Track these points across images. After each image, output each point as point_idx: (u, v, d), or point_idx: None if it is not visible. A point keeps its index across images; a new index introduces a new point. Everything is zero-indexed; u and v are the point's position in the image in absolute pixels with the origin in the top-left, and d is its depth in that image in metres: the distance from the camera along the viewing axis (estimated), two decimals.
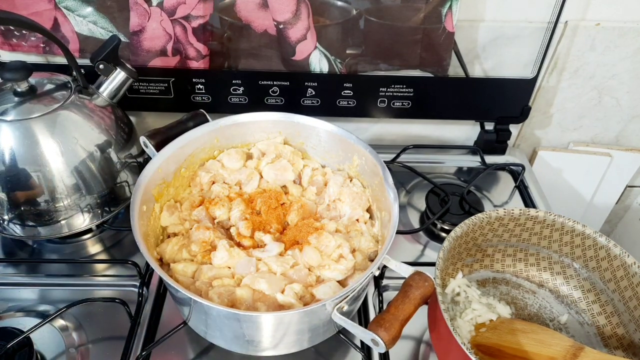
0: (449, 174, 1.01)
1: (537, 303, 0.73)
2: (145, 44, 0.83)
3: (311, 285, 0.63)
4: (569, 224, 0.68)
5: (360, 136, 0.74)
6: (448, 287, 0.71)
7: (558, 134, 1.06)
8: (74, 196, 0.73)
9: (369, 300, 0.74)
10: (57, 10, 0.81)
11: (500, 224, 0.70)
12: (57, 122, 0.70)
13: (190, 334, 0.68)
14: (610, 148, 1.07)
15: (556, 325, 0.71)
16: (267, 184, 0.76)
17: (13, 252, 0.81)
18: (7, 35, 0.84)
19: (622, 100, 0.99)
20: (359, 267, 0.66)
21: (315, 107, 0.92)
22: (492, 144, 1.00)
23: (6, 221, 0.73)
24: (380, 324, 0.54)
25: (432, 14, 0.82)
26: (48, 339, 0.68)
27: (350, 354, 0.70)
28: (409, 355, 0.70)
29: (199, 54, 0.85)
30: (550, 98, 0.99)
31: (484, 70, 0.92)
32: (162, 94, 0.89)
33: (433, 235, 0.88)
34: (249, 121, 0.77)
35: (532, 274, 0.75)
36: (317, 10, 0.81)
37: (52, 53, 0.86)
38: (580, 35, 0.89)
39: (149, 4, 0.79)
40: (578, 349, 0.60)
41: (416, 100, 0.92)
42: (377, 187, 0.71)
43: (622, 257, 0.65)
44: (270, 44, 0.85)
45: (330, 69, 0.87)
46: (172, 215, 0.70)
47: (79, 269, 0.78)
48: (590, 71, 0.94)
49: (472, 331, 0.67)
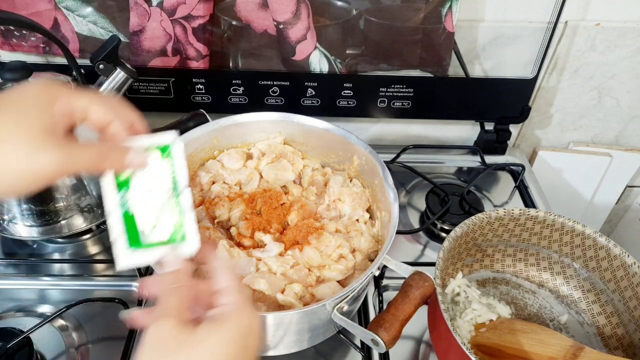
0: (449, 174, 1.01)
1: (537, 303, 0.73)
2: (145, 44, 0.83)
3: (311, 285, 0.63)
4: (569, 224, 0.68)
5: (360, 136, 0.74)
6: (448, 287, 0.71)
7: (558, 134, 1.06)
8: (74, 196, 0.73)
9: (369, 300, 0.74)
10: (57, 10, 0.81)
11: (500, 224, 0.70)
12: None
13: None
14: (610, 148, 1.07)
15: (556, 325, 0.71)
16: (267, 184, 0.76)
17: (13, 252, 0.81)
18: (7, 35, 0.84)
19: (622, 101, 0.99)
20: (359, 267, 0.66)
21: (315, 107, 0.92)
22: (492, 144, 1.00)
23: (6, 221, 0.73)
24: (380, 324, 0.54)
25: (432, 14, 0.82)
26: (48, 339, 0.68)
27: (350, 354, 0.70)
28: (409, 355, 0.70)
29: (199, 54, 0.85)
30: (550, 98, 0.99)
31: (483, 71, 0.92)
32: (162, 94, 0.89)
33: (433, 235, 0.88)
34: (249, 121, 0.77)
35: (532, 274, 0.75)
36: (317, 10, 0.81)
37: (52, 53, 0.86)
38: (580, 36, 0.89)
39: (149, 4, 0.79)
40: (578, 349, 0.60)
41: (416, 100, 0.92)
42: (377, 187, 0.71)
43: (622, 257, 0.65)
44: (270, 44, 0.85)
45: (330, 69, 0.87)
46: None
47: (79, 269, 0.78)
48: (590, 71, 0.94)
49: (472, 331, 0.67)
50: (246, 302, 0.43)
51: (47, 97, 0.39)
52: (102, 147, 0.42)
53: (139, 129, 0.45)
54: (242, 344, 0.40)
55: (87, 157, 0.40)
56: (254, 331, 0.42)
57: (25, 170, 0.37)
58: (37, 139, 0.37)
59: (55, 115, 0.39)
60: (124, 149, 0.43)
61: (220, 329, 0.40)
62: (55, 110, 0.39)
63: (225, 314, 0.41)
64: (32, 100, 0.39)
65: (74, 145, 0.40)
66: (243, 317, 0.41)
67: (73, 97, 0.40)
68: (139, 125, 0.45)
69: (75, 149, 0.40)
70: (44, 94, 0.39)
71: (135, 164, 0.43)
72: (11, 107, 0.38)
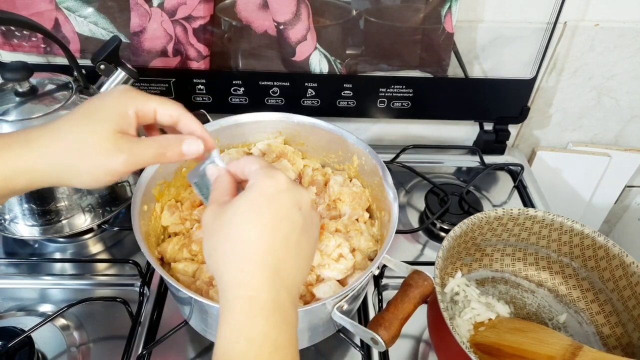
0: (448, 174, 1.01)
1: (536, 302, 0.73)
2: (146, 44, 0.83)
3: (311, 285, 0.63)
4: (568, 224, 0.69)
5: (360, 136, 0.75)
6: (447, 286, 0.71)
7: (557, 134, 1.06)
8: (75, 196, 0.73)
9: (368, 300, 0.75)
10: (58, 10, 0.81)
11: (499, 224, 0.71)
12: None
13: (191, 333, 0.69)
14: (609, 148, 1.07)
15: (555, 324, 0.71)
16: None
17: (14, 251, 0.81)
18: (8, 35, 0.84)
19: (621, 101, 0.99)
20: (359, 266, 0.67)
21: (315, 108, 0.92)
22: (491, 144, 1.01)
23: (7, 221, 0.74)
24: (380, 323, 0.54)
25: (431, 14, 0.82)
26: (49, 338, 0.68)
27: (350, 352, 0.70)
28: (409, 354, 0.71)
29: (200, 55, 0.85)
30: (549, 98, 0.99)
31: (483, 71, 0.93)
32: (163, 94, 0.89)
33: (432, 234, 0.88)
34: (250, 121, 0.78)
35: (531, 274, 0.75)
36: (317, 11, 0.81)
37: (53, 53, 0.86)
38: (579, 36, 0.89)
39: (149, 5, 0.79)
40: (577, 347, 0.60)
41: (416, 101, 0.92)
42: (376, 187, 0.72)
43: (620, 257, 0.65)
44: (271, 45, 0.85)
45: (330, 69, 0.87)
46: (173, 215, 0.71)
47: (80, 269, 0.78)
48: (590, 71, 0.94)
49: (471, 330, 0.67)
50: (268, 169, 0.45)
51: (124, 105, 0.45)
52: (161, 140, 0.47)
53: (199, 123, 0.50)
54: (269, 201, 0.43)
55: (151, 152, 0.46)
56: (280, 187, 0.44)
57: (101, 168, 0.44)
58: (112, 142, 0.44)
59: (130, 117, 0.45)
60: (180, 138, 0.48)
61: (245, 195, 0.43)
62: (130, 113, 0.45)
63: (250, 184, 0.44)
64: (110, 108, 0.45)
65: (140, 142, 0.45)
66: (265, 178, 0.44)
67: (145, 100, 0.47)
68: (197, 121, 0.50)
69: (141, 146, 0.45)
70: (120, 103, 0.46)
71: (191, 152, 0.48)
72: (92, 115, 0.45)
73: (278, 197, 0.43)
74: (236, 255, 0.41)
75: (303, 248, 0.44)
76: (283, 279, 0.42)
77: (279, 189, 0.43)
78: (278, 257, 0.42)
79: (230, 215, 0.43)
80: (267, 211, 0.42)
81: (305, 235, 0.44)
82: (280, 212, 0.43)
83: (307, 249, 0.45)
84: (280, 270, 0.42)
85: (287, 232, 0.43)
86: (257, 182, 0.44)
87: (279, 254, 0.42)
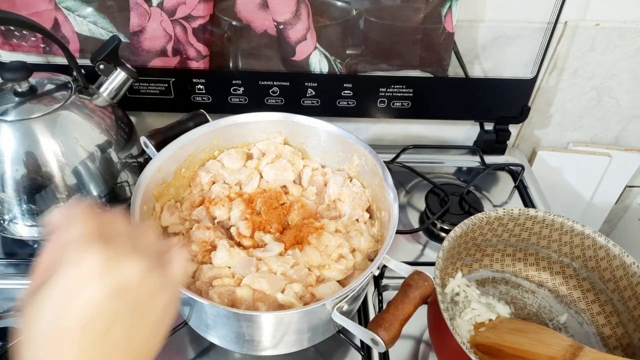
0: (448, 174, 1.01)
1: (537, 303, 0.73)
2: (146, 44, 0.83)
3: (311, 285, 0.63)
4: (568, 224, 0.69)
5: (360, 136, 0.75)
6: (447, 286, 0.71)
7: (557, 134, 1.06)
8: (74, 196, 0.73)
9: (368, 300, 0.75)
10: (57, 10, 0.81)
11: (499, 224, 0.70)
12: (57, 122, 0.70)
13: (191, 333, 0.69)
14: (609, 148, 1.07)
15: (555, 324, 0.71)
16: (267, 184, 0.76)
17: (13, 252, 0.81)
18: (7, 35, 0.84)
19: (622, 101, 0.99)
20: (359, 267, 0.67)
21: (315, 107, 0.92)
22: (492, 144, 1.01)
23: (7, 221, 0.73)
24: (380, 323, 0.54)
25: (431, 14, 0.82)
26: None
27: (350, 353, 0.70)
28: (409, 354, 0.70)
29: (199, 54, 0.85)
30: (549, 98, 0.99)
31: (483, 71, 0.93)
32: (163, 94, 0.89)
33: (433, 235, 0.88)
34: (249, 121, 0.78)
35: (531, 274, 0.75)
36: (317, 11, 0.81)
37: (52, 53, 0.86)
38: (579, 36, 0.89)
39: (149, 5, 0.79)
40: (577, 348, 0.60)
41: (416, 101, 0.92)
42: (377, 187, 0.72)
43: (621, 257, 0.65)
44: (270, 45, 0.85)
45: (330, 69, 0.87)
46: (173, 215, 0.70)
47: None
48: (590, 71, 0.94)
49: (472, 331, 0.67)
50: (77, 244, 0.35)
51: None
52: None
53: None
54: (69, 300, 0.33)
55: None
56: (88, 275, 0.34)
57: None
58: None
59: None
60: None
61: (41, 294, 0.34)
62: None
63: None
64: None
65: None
66: (65, 267, 0.34)
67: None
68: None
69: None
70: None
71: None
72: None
73: (82, 292, 0.33)
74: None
75: (138, 336, 0.37)
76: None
77: (84, 279, 0.34)
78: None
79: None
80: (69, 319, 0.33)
81: (140, 319, 0.37)
82: (89, 312, 0.33)
83: (145, 332, 0.38)
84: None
85: (103, 333, 0.34)
86: (57, 273, 0.34)
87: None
